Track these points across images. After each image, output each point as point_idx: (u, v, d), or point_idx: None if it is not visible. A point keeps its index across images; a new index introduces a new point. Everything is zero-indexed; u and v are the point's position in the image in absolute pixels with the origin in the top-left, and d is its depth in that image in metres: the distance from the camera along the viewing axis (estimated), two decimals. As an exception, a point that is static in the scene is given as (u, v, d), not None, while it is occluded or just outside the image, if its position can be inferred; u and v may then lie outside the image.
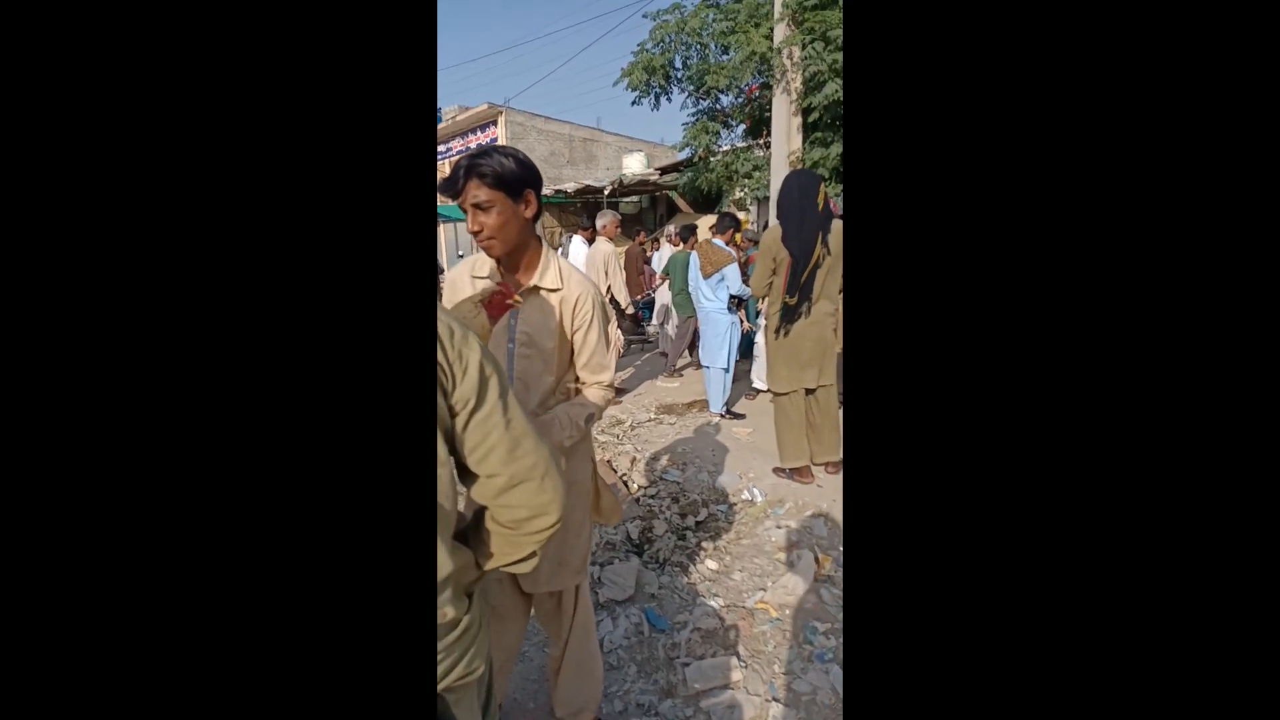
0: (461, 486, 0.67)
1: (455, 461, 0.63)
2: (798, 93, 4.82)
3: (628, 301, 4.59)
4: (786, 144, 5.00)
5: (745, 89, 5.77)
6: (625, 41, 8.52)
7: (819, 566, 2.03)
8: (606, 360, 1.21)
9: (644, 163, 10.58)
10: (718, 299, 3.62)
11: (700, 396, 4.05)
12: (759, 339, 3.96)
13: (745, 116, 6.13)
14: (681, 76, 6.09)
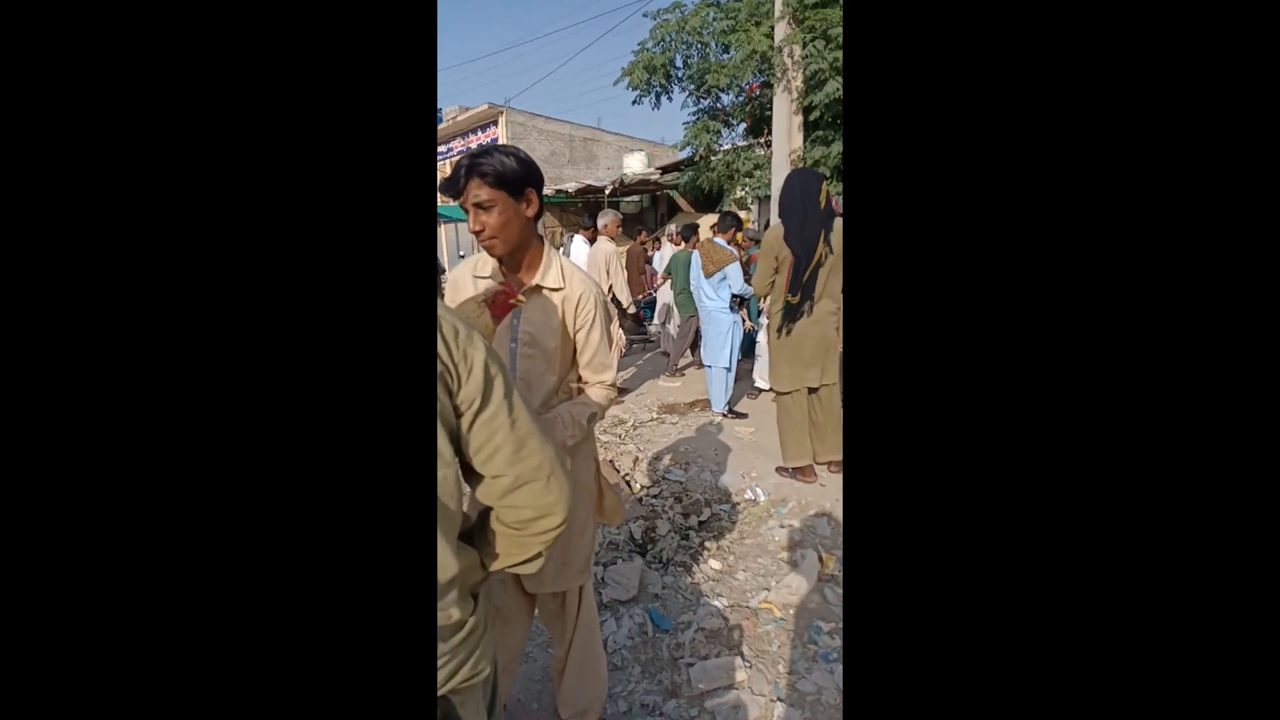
0: (466, 487, 0.67)
1: (460, 462, 0.63)
2: (798, 91, 4.81)
3: (629, 301, 4.59)
4: (788, 143, 5.00)
5: (746, 88, 5.76)
6: (625, 41, 8.55)
7: (823, 566, 2.03)
8: (609, 359, 1.21)
9: (645, 162, 10.58)
10: (719, 298, 3.61)
11: (702, 396, 4.05)
12: (761, 338, 3.96)
13: (746, 115, 6.12)
14: (682, 75, 6.09)
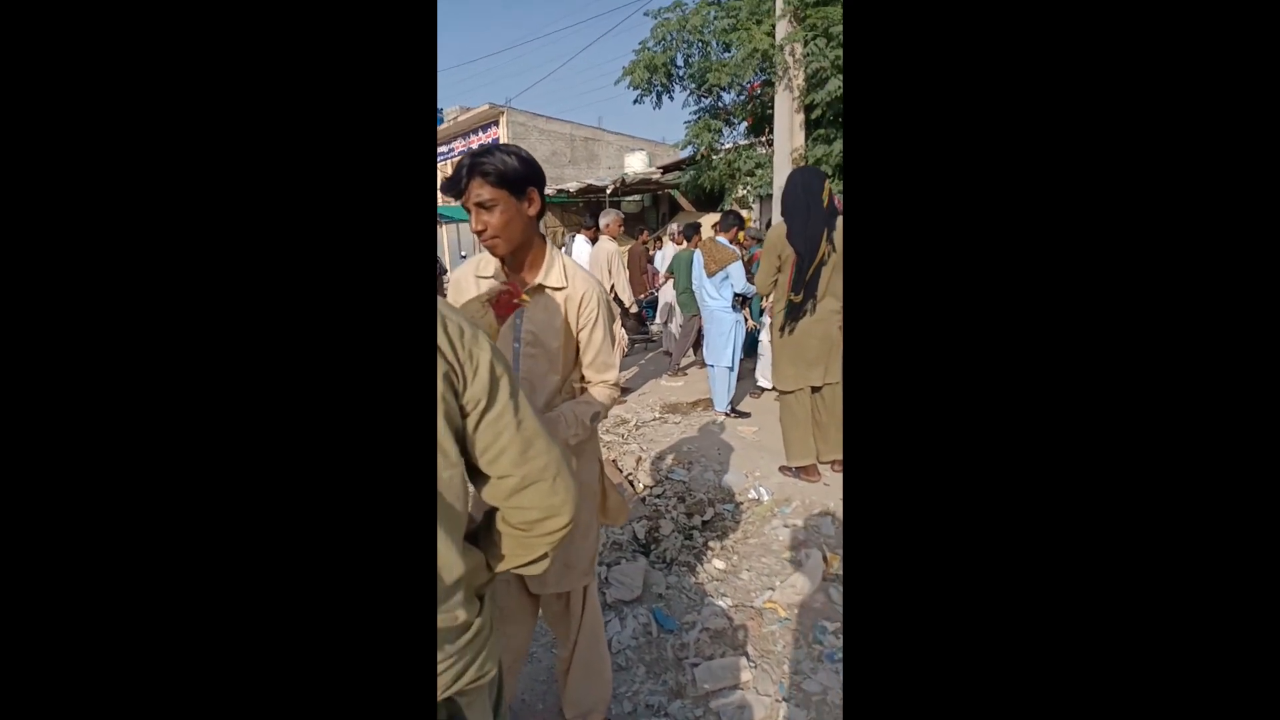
0: (471, 487, 0.67)
1: (465, 463, 0.63)
2: (800, 90, 4.80)
3: (631, 300, 4.58)
4: (789, 141, 4.99)
5: (747, 86, 5.75)
6: (626, 40, 8.53)
7: (827, 565, 2.02)
8: (612, 359, 1.20)
9: (646, 161, 10.58)
10: (722, 297, 3.61)
11: (704, 395, 4.04)
12: (763, 337, 3.95)
13: (747, 114, 6.11)
14: (683, 74, 6.08)
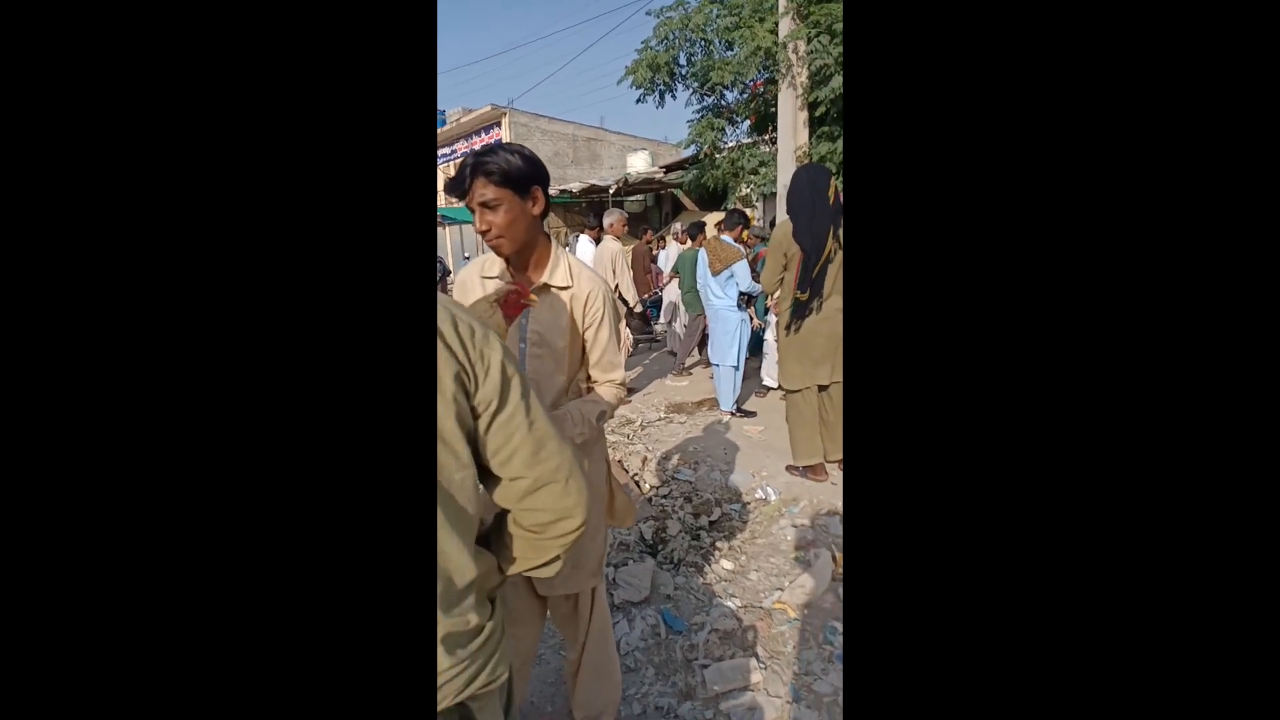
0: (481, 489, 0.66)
1: (477, 464, 0.62)
2: (803, 87, 4.78)
3: (635, 300, 4.57)
4: (793, 139, 4.97)
5: (750, 84, 5.74)
6: (627, 40, 8.52)
7: (836, 565, 2.01)
8: (618, 358, 1.19)
9: (648, 161, 10.58)
10: (727, 296, 3.59)
11: (709, 395, 4.03)
12: (768, 336, 3.93)
13: (750, 112, 6.10)
14: (686, 73, 6.07)
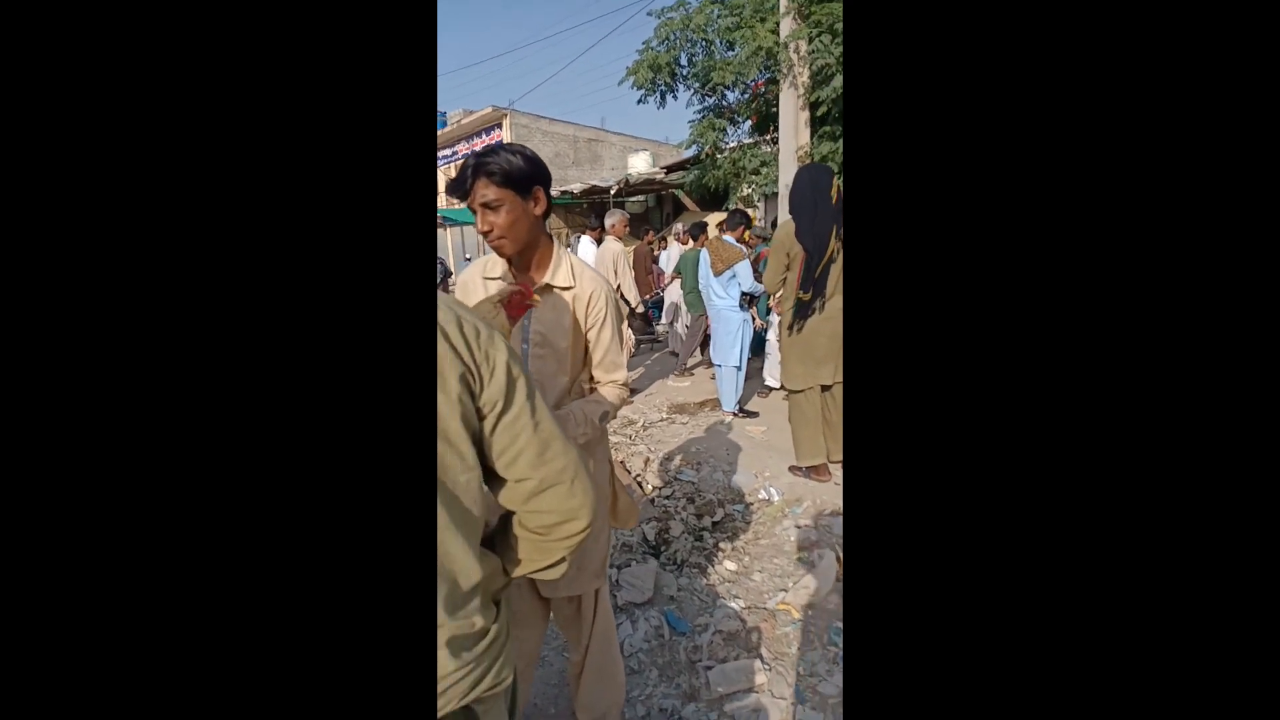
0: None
1: (482, 466, 0.61)
2: (805, 87, 4.78)
3: (637, 300, 4.57)
4: (794, 139, 4.97)
5: (751, 85, 5.74)
6: (628, 41, 8.51)
7: (840, 566, 2.00)
8: (621, 359, 1.19)
9: (649, 162, 10.57)
10: (729, 296, 3.59)
11: (711, 395, 4.02)
12: (770, 336, 3.93)
13: (751, 112, 6.10)
14: (687, 74, 6.07)
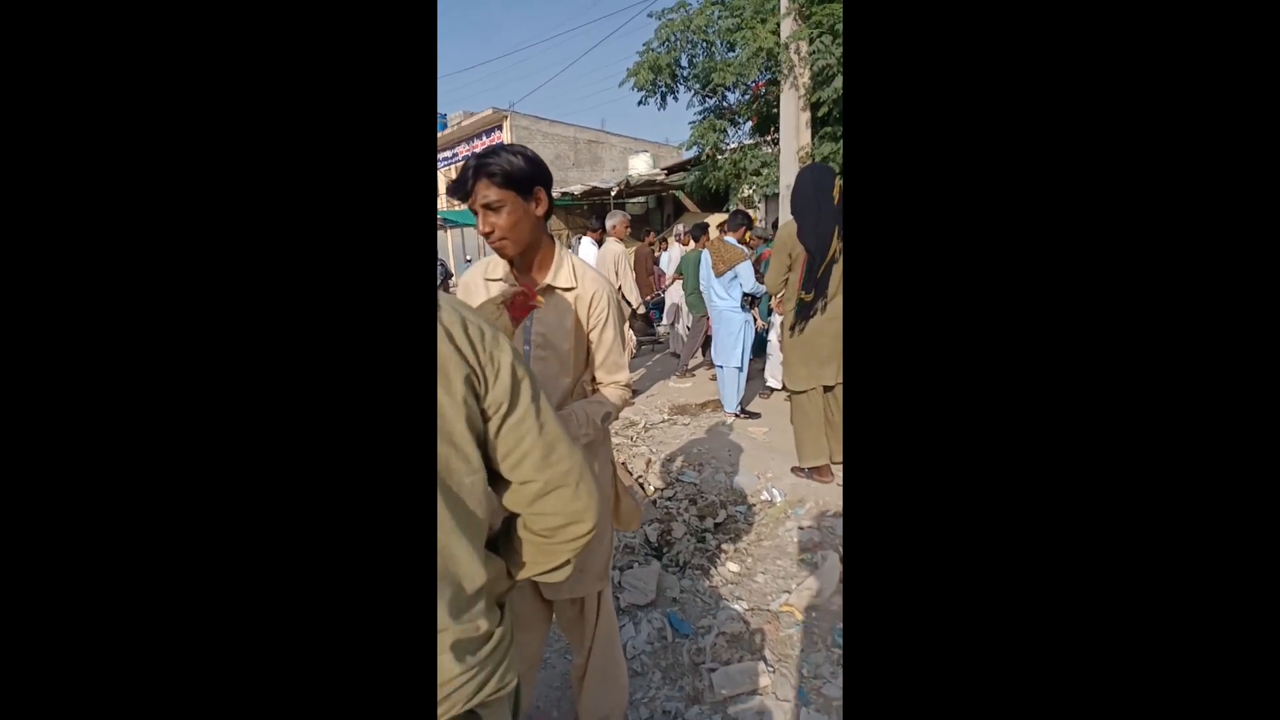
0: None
1: (487, 468, 0.61)
2: (805, 88, 4.78)
3: (639, 301, 4.56)
4: (795, 140, 4.97)
5: (752, 86, 5.74)
6: (629, 42, 8.55)
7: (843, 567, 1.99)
8: (623, 359, 1.18)
9: (650, 163, 10.58)
10: (730, 297, 3.58)
11: (713, 396, 4.02)
12: (772, 336, 3.92)
13: (752, 113, 6.10)
14: (688, 75, 6.08)
